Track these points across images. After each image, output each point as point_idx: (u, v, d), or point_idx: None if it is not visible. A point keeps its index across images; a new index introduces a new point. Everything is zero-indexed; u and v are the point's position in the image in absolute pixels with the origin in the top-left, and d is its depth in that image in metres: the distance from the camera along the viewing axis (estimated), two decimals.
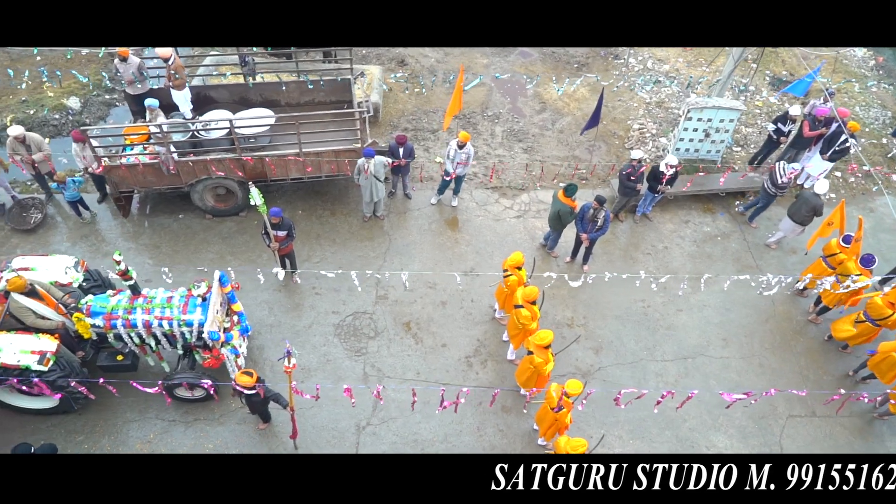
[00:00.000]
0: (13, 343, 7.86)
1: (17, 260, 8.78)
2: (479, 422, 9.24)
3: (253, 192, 8.68)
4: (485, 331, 10.25)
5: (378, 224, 11.52)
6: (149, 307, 8.37)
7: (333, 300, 10.34)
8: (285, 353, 6.89)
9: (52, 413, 8.71)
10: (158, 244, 10.88)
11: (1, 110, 12.80)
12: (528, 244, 11.45)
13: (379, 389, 8.01)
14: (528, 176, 12.48)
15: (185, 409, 9.01)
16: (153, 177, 10.31)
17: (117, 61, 10.64)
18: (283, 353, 7.00)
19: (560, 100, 14.24)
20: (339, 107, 12.16)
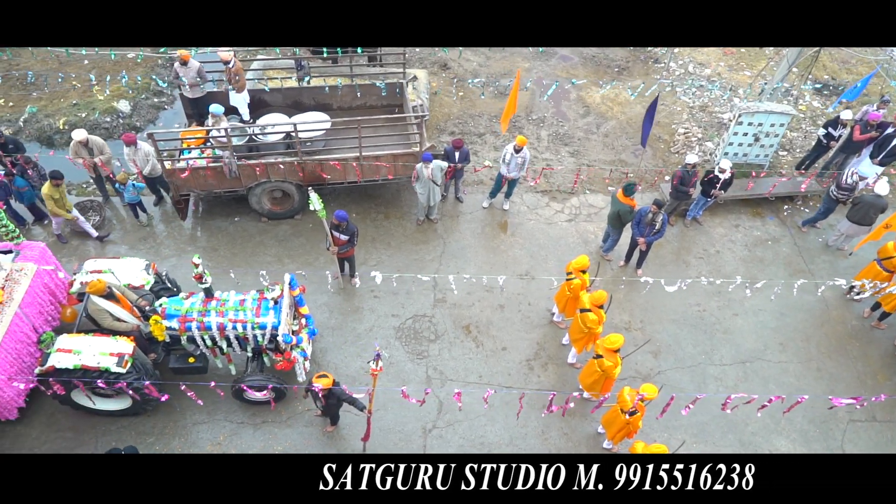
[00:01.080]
0: (92, 345, 7.93)
1: (90, 262, 8.86)
2: (543, 425, 9.26)
3: (312, 197, 8.73)
4: (543, 334, 10.28)
5: (432, 227, 11.56)
6: (222, 310, 8.42)
7: (392, 303, 10.39)
8: (375, 356, 6.92)
9: (122, 415, 8.77)
10: (216, 247, 10.95)
11: (53, 113, 12.90)
12: (582, 248, 11.48)
13: (459, 394, 8.00)
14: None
15: (252, 412, 9.06)
16: (214, 180, 10.38)
17: (177, 65, 10.72)
18: (373, 355, 7.02)
19: (603, 104, 14.28)
20: (391, 110, 12.26)
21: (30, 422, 8.72)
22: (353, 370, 9.59)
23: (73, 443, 8.62)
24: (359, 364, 9.67)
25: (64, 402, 8.42)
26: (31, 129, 12.59)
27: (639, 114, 14.16)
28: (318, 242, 11.15)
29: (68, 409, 8.72)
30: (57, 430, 8.74)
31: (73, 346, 7.88)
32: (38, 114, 12.81)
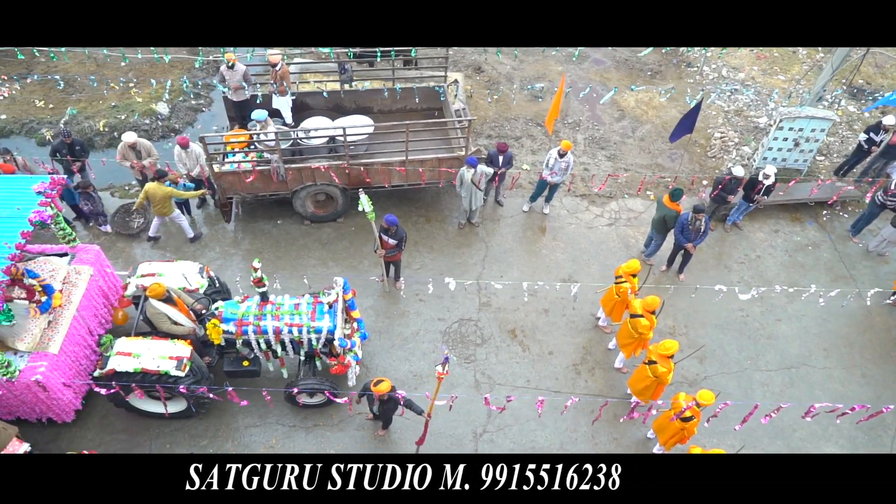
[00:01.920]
0: (151, 348, 7.96)
1: (144, 265, 8.90)
2: (592, 430, 9.27)
3: (363, 199, 8.74)
4: (589, 338, 10.29)
5: (473, 231, 11.58)
6: (278, 314, 8.45)
7: (438, 307, 10.41)
8: (444, 359, 6.94)
9: (175, 417, 8.80)
10: (260, 250, 10.98)
11: (93, 115, 12.95)
12: (623, 252, 11.48)
13: (511, 399, 8.02)
14: (614, 184, 12.52)
15: (304, 415, 9.08)
16: (260, 183, 10.41)
17: (224, 68, 10.75)
18: (441, 358, 7.02)
19: (637, 107, 14.28)
20: (430, 114, 12.28)
21: (84, 424, 8.76)
22: (402, 374, 9.61)
23: (127, 444, 8.66)
24: (407, 368, 9.70)
25: (119, 405, 8.46)
26: (72, 130, 12.59)
27: (674, 118, 14.14)
28: (362, 246, 11.17)
29: (122, 411, 8.76)
30: (111, 433, 8.79)
31: (131, 350, 7.91)
32: (79, 115, 12.86)
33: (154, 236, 10.80)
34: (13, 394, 7.82)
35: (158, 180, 9.98)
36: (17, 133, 12.75)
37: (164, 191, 9.93)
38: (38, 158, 10.99)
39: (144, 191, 9.99)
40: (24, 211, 7.25)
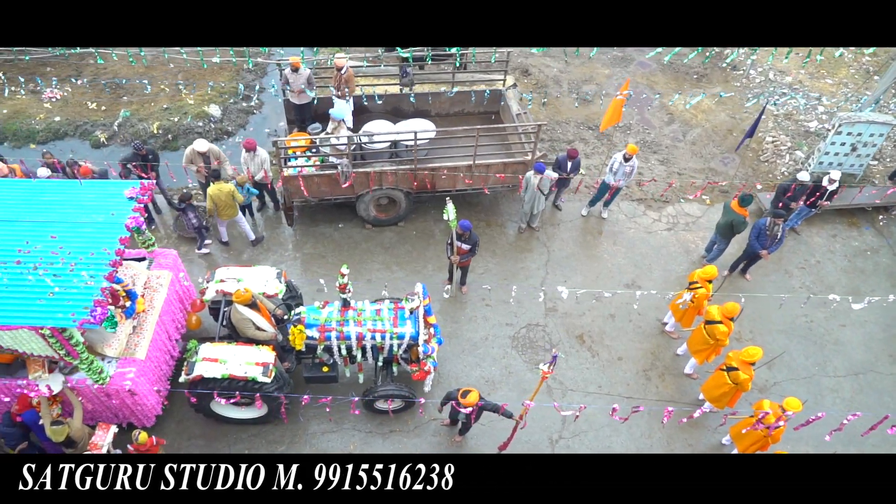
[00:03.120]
0: (237, 354, 7.93)
1: (221, 270, 8.86)
2: (667, 436, 9.24)
3: (449, 206, 8.70)
4: (657, 344, 10.26)
5: (534, 235, 11.55)
6: (360, 319, 8.42)
7: (505, 312, 10.37)
8: (553, 358, 6.89)
9: (253, 423, 8.76)
10: (323, 254, 10.94)
11: (146, 117, 12.91)
12: (684, 257, 11.45)
13: (582, 408, 7.94)
14: (669, 188, 12.48)
15: (379, 421, 9.05)
16: (327, 187, 10.38)
17: (288, 71, 10.70)
18: (550, 358, 6.96)
19: (687, 111, 14.25)
20: (488, 117, 12.25)
21: (161, 429, 8.71)
22: (474, 379, 9.57)
23: (205, 450, 8.63)
24: (478, 373, 9.67)
25: (200, 410, 8.43)
26: (126, 132, 12.60)
27: (723, 122, 14.16)
28: (424, 250, 11.15)
29: (199, 416, 8.74)
30: (189, 438, 8.76)
31: (217, 355, 7.88)
32: (132, 118, 12.81)
33: (225, 241, 10.77)
34: (100, 399, 7.78)
35: (215, 181, 9.96)
36: (72, 135, 12.71)
37: (226, 190, 9.89)
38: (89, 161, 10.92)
39: (209, 196, 9.95)
40: (120, 216, 7.21)
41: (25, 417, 7.40)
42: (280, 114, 13.53)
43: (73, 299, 6.47)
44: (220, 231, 10.65)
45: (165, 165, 10.57)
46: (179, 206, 10.07)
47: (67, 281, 6.58)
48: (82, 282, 6.53)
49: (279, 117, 13.52)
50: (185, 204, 10.05)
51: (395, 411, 8.95)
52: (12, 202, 7.28)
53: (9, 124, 12.55)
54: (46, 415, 7.16)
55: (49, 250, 6.79)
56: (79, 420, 7.20)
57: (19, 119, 12.67)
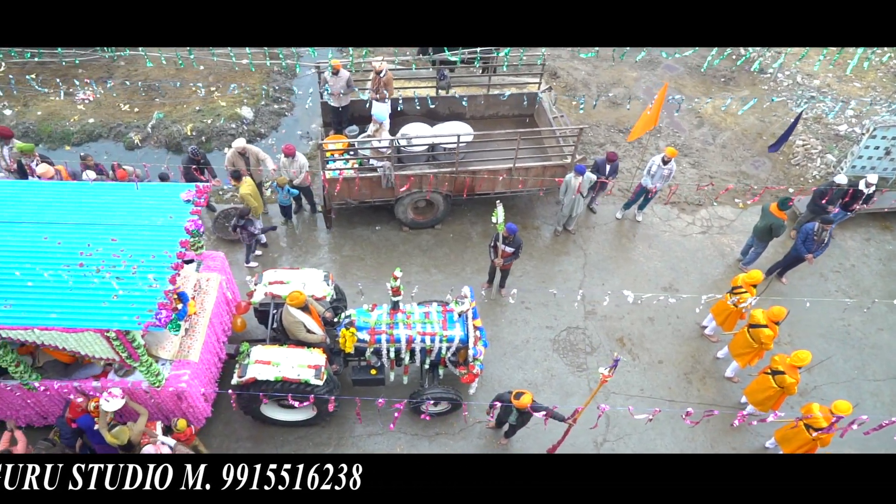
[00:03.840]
0: (289, 357, 7.93)
1: (269, 273, 8.87)
2: (710, 439, 9.25)
3: (499, 209, 8.71)
4: (696, 347, 10.27)
5: (570, 238, 11.57)
6: (410, 322, 8.43)
7: (545, 315, 10.39)
8: (615, 362, 6.91)
9: (300, 425, 8.78)
10: (362, 256, 10.96)
11: (179, 119, 12.93)
12: (720, 261, 11.47)
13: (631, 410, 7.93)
14: (701, 191, 12.51)
15: (424, 424, 9.05)
16: (367, 189, 10.40)
17: (328, 74, 10.73)
18: (612, 363, 6.98)
19: (716, 114, 14.28)
20: (522, 120, 12.27)
21: (209, 431, 8.73)
22: (517, 382, 9.59)
23: (253, 451, 8.63)
24: (521, 376, 9.68)
25: (249, 413, 8.44)
26: (160, 134, 12.62)
27: (752, 125, 14.19)
28: (462, 252, 11.17)
29: (246, 419, 8.76)
30: (236, 440, 8.77)
31: (270, 358, 7.89)
32: (165, 119, 12.84)
33: (263, 242, 10.80)
34: (153, 401, 7.79)
35: (238, 181, 9.98)
36: (106, 137, 12.73)
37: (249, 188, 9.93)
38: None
39: (248, 196, 9.96)
40: (178, 219, 7.23)
41: (80, 422, 7.42)
42: (311, 116, 13.61)
43: (137, 302, 6.49)
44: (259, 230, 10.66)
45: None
46: (239, 223, 9.94)
47: (130, 284, 6.59)
48: (146, 284, 6.55)
49: (311, 119, 13.58)
50: (244, 220, 9.91)
51: (440, 414, 8.96)
52: (72, 205, 7.30)
53: (44, 126, 12.58)
54: (103, 422, 7.18)
55: (111, 253, 6.80)
56: (142, 425, 7.22)
57: (54, 121, 12.69)
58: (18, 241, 6.87)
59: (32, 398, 7.72)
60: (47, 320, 6.38)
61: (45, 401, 7.79)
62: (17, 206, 7.26)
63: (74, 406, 7.38)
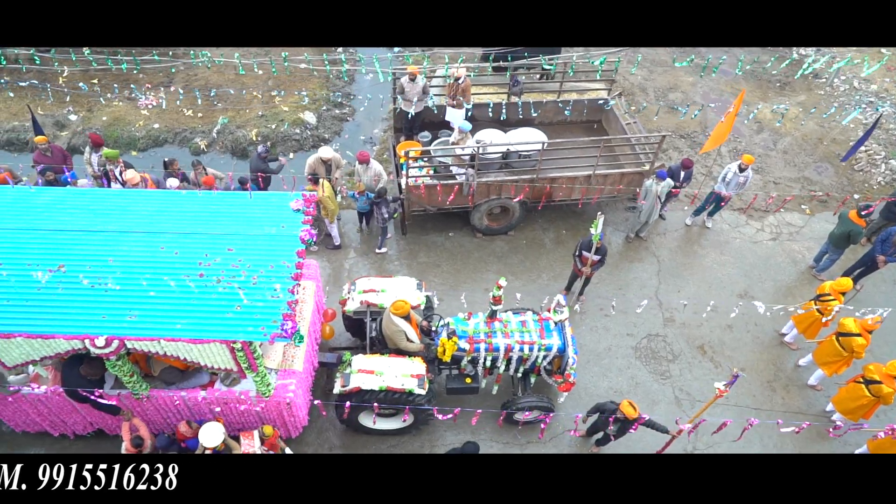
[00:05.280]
0: (392, 366, 7.92)
1: (363, 281, 8.86)
2: (798, 448, 9.22)
3: (600, 220, 8.69)
4: (777, 355, 10.24)
5: (642, 244, 11.54)
6: (507, 331, 8.41)
7: (624, 322, 10.37)
8: (734, 379, 6.88)
9: (395, 434, 8.77)
10: (438, 263, 10.95)
11: (243, 125, 12.93)
12: (792, 268, 11.44)
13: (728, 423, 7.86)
14: (768, 197, 12.46)
15: (514, 433, 9.04)
16: (445, 196, 10.37)
17: (405, 80, 10.71)
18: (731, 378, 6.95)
19: (774, 119, 14.23)
20: (590, 126, 12.25)
21: (303, 440, 8.73)
22: (602, 390, 9.56)
23: None
24: (606, 384, 9.66)
25: (345, 422, 8.43)
26: (225, 140, 12.63)
27: (812, 130, 14.15)
28: (537, 259, 11.15)
29: (338, 428, 8.77)
30: (329, 448, 8.77)
31: (373, 367, 7.87)
32: (230, 125, 12.83)
33: (337, 244, 10.82)
34: (256, 411, 7.78)
35: (316, 185, 10.00)
36: (171, 142, 12.75)
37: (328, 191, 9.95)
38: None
39: (328, 200, 9.97)
40: (290, 228, 7.21)
41: (189, 444, 7.44)
42: (373, 121, 13.62)
43: (261, 313, 6.48)
44: (333, 234, 10.67)
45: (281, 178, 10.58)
46: (375, 201, 10.09)
47: (252, 294, 6.58)
48: (271, 294, 6.54)
49: (372, 124, 13.59)
50: (380, 199, 10.03)
51: (529, 423, 8.94)
52: (184, 214, 7.29)
53: (110, 131, 12.58)
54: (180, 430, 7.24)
55: (229, 263, 6.79)
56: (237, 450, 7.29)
57: (119, 126, 12.70)
58: (136, 251, 6.86)
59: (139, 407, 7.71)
60: (173, 331, 6.37)
61: (150, 411, 7.77)
62: (130, 215, 7.25)
63: (184, 432, 7.40)
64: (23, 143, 12.35)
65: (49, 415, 7.91)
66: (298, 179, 10.72)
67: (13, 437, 8.51)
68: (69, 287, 6.53)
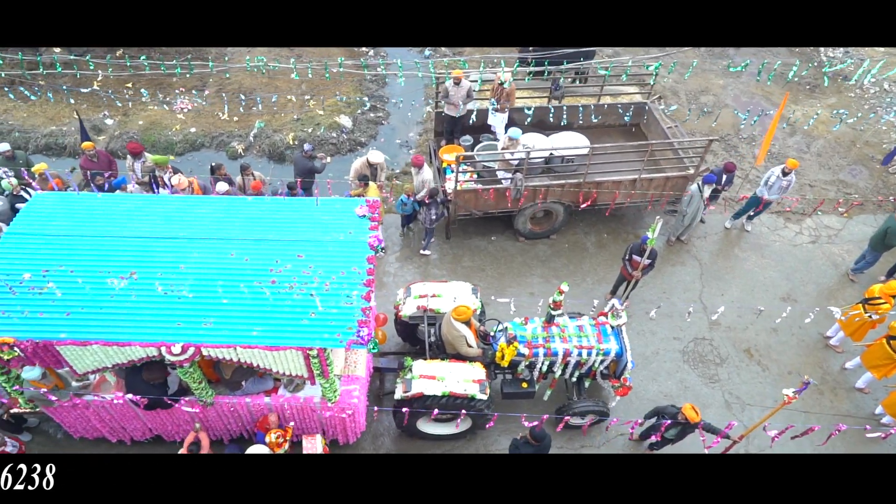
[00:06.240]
0: (452, 372, 7.92)
1: (418, 286, 8.86)
2: (847, 450, 9.24)
3: (658, 224, 8.71)
4: (823, 358, 10.27)
5: (683, 248, 11.57)
6: (565, 336, 8.42)
7: (670, 326, 10.38)
8: (805, 385, 6.90)
9: (450, 439, 8.77)
10: (482, 267, 10.95)
11: (280, 128, 12.92)
12: (832, 271, 11.46)
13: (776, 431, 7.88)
14: (803, 200, 12.51)
15: (567, 437, 9.04)
16: (493, 200, 10.39)
17: (449, 84, 10.71)
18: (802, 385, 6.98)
19: (805, 121, 14.27)
20: (628, 129, 12.26)
21: (358, 445, 8.71)
22: (652, 394, 9.58)
23: None
24: (656, 388, 9.67)
25: (402, 427, 8.43)
26: (262, 144, 12.62)
27: (845, 133, 14.18)
28: (580, 263, 11.17)
29: (393, 432, 8.77)
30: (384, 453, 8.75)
31: (434, 373, 7.87)
32: (266, 129, 12.82)
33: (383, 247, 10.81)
34: (320, 414, 7.78)
35: (366, 186, 10.01)
36: (208, 146, 12.74)
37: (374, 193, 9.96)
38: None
39: None
40: (358, 234, 7.22)
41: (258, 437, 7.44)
42: (407, 124, 13.63)
43: (336, 319, 6.47)
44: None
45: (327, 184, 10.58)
46: (426, 203, 10.07)
47: (326, 300, 6.58)
48: (345, 301, 6.54)
49: (407, 128, 13.59)
50: (431, 200, 9.98)
51: (579, 427, 8.96)
52: (250, 220, 7.29)
53: (147, 135, 12.57)
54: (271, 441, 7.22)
55: (300, 269, 6.80)
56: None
57: (156, 130, 12.69)
58: (206, 257, 6.86)
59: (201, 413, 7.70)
60: (249, 338, 6.37)
61: (212, 417, 7.77)
62: (197, 221, 7.25)
63: (266, 421, 7.39)
64: (61, 147, 12.34)
65: (111, 421, 7.90)
66: (342, 183, 10.77)
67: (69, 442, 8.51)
68: (143, 294, 6.53)
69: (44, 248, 6.87)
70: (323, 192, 10.24)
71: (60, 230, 7.05)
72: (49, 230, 7.06)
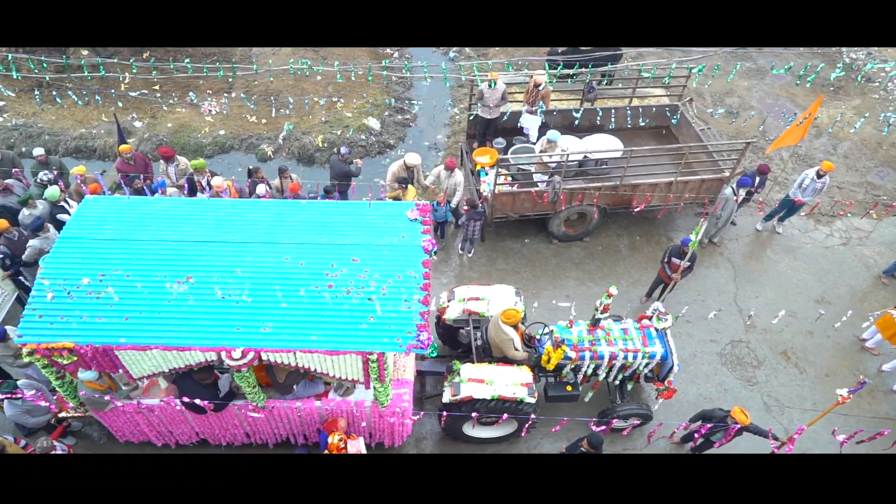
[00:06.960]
0: (500, 375, 7.92)
1: (462, 289, 8.87)
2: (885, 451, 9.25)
3: (702, 226, 8.70)
4: (859, 360, 10.28)
5: (716, 250, 11.58)
6: (610, 339, 8.42)
7: (706, 328, 10.39)
8: (860, 385, 6.91)
9: (495, 442, 8.77)
10: (517, 270, 10.96)
11: (308, 131, 12.91)
12: (864, 273, 11.48)
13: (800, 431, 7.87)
14: (833, 202, 12.52)
15: (610, 439, 9.02)
16: (529, 203, 10.39)
17: (484, 86, 10.71)
18: (857, 384, 6.99)
19: (832, 123, 14.29)
20: (658, 132, 12.27)
21: (402, 448, 8.71)
22: (692, 397, 9.59)
23: None
24: (695, 391, 9.68)
25: (449, 431, 8.43)
26: (292, 146, 12.62)
27: (870, 134, 14.20)
28: (614, 265, 11.18)
29: (436, 435, 8.77)
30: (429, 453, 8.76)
31: (482, 376, 7.88)
32: (295, 131, 12.81)
33: None
34: (367, 419, 7.77)
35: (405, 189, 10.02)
36: (237, 148, 12.73)
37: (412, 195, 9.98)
38: None
39: None
40: (411, 238, 7.21)
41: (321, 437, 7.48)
42: (435, 126, 13.63)
43: (394, 324, 6.47)
44: None
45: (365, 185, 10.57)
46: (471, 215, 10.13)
47: (384, 305, 6.57)
48: (403, 305, 6.54)
49: (435, 130, 13.59)
50: (474, 211, 10.01)
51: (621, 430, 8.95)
52: (303, 224, 7.28)
53: (176, 138, 12.56)
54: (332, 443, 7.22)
55: (356, 273, 6.78)
56: None
57: (185, 133, 12.68)
58: (261, 261, 6.84)
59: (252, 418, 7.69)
60: (309, 342, 6.36)
61: (261, 420, 7.76)
62: (249, 225, 7.23)
63: (335, 424, 7.38)
64: (91, 150, 12.32)
65: (159, 425, 7.89)
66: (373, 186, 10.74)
67: (112, 446, 8.50)
68: (200, 298, 6.52)
69: (99, 253, 6.84)
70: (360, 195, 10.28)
71: (114, 234, 7.03)
72: (103, 234, 7.04)
